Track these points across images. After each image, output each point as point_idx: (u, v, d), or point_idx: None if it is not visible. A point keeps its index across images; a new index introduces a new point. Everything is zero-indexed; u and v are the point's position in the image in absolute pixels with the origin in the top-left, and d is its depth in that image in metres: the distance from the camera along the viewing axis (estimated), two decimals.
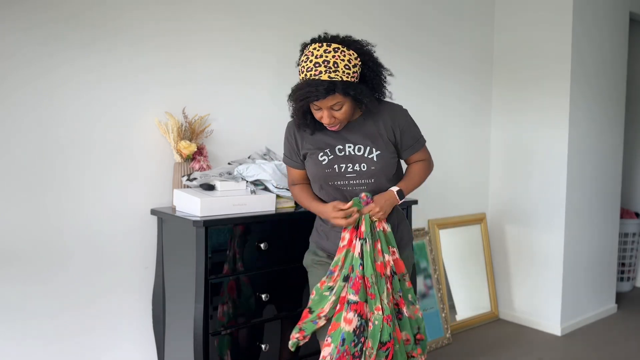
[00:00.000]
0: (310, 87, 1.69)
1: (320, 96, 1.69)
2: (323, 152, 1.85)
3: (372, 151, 1.84)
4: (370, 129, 1.86)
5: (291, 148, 1.96)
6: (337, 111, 1.76)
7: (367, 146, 1.84)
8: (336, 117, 1.77)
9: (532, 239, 3.57)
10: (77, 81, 2.10)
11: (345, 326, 1.78)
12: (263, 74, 2.62)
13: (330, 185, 1.88)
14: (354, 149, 1.84)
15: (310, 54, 1.73)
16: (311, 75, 1.71)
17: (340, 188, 1.88)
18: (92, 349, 2.20)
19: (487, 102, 3.76)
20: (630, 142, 4.61)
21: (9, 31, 1.95)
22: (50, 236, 2.08)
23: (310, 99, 1.71)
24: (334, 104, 1.74)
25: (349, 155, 1.84)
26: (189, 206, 2.08)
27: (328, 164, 1.85)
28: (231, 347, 2.10)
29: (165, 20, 2.30)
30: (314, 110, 1.78)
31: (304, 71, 1.74)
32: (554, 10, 3.39)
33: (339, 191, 1.89)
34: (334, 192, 1.89)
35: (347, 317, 1.79)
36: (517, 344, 3.29)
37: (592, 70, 3.51)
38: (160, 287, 2.27)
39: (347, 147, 1.85)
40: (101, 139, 2.17)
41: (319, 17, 2.81)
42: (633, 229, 4.37)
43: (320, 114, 1.77)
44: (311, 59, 1.72)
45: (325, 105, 1.73)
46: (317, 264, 1.97)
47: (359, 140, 1.85)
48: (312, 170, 1.89)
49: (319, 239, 1.99)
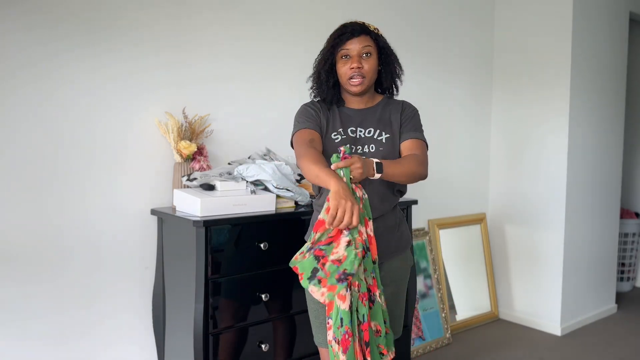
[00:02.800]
0: (346, 27, 1.80)
1: (356, 32, 1.77)
2: (336, 132, 1.85)
3: (382, 134, 1.85)
4: (382, 116, 1.88)
5: (309, 115, 1.84)
6: (366, 60, 1.79)
7: (378, 129, 1.86)
8: (364, 68, 1.79)
9: (532, 239, 3.57)
10: (77, 81, 2.10)
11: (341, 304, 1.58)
12: (263, 73, 2.62)
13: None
14: (365, 131, 1.86)
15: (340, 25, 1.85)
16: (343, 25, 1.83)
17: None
18: (92, 349, 2.20)
19: (487, 102, 3.76)
20: (630, 142, 4.61)
21: (8, 31, 1.95)
22: (51, 236, 2.08)
23: (345, 37, 1.77)
24: (365, 48, 1.78)
25: (360, 137, 1.85)
26: (189, 206, 2.08)
27: (340, 142, 1.84)
28: (231, 347, 2.10)
29: (165, 20, 2.30)
30: (342, 64, 1.81)
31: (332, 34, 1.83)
32: (554, 10, 3.39)
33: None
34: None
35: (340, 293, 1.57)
36: (517, 344, 3.29)
37: (592, 70, 3.51)
38: (160, 287, 2.27)
39: (358, 130, 1.86)
40: (101, 139, 2.17)
41: (319, 17, 2.81)
42: (633, 229, 4.37)
43: (348, 65, 1.79)
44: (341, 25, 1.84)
45: (357, 47, 1.78)
46: None
47: (371, 124, 1.87)
48: (324, 148, 1.84)
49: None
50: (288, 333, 2.26)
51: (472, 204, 3.70)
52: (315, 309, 1.83)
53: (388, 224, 1.86)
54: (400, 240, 1.91)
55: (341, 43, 1.79)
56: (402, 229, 1.94)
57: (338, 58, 1.81)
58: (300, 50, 2.71)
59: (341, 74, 1.82)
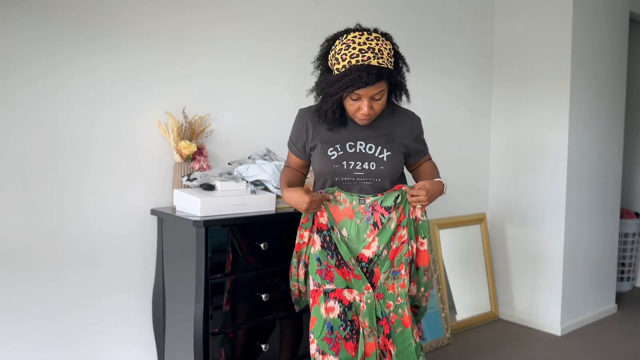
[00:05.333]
0: (361, 72, 1.63)
1: (371, 82, 1.64)
2: (333, 148, 1.82)
3: (383, 151, 1.82)
4: (385, 130, 1.84)
5: (299, 136, 1.92)
6: (377, 101, 1.73)
7: (379, 146, 1.82)
8: (374, 109, 1.73)
9: (532, 239, 3.57)
10: (77, 81, 2.10)
11: (329, 314, 1.82)
12: (264, 73, 2.62)
13: (338, 182, 1.86)
14: (365, 147, 1.81)
15: (352, 42, 1.68)
16: (357, 62, 1.65)
17: (346, 185, 1.85)
18: (92, 349, 2.20)
19: (487, 102, 3.76)
20: (630, 142, 4.61)
21: (8, 31, 1.95)
22: (51, 236, 2.08)
23: (359, 85, 1.64)
24: (377, 93, 1.70)
25: (359, 152, 1.81)
26: (189, 206, 2.08)
27: (337, 159, 1.82)
28: (231, 347, 2.10)
29: (165, 20, 2.30)
30: (350, 102, 1.73)
31: (346, 58, 1.67)
32: (554, 10, 3.39)
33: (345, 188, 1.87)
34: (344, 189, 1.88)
35: (327, 306, 1.83)
36: (517, 344, 3.29)
37: (592, 70, 3.51)
38: (160, 287, 2.27)
39: (358, 144, 1.81)
40: (101, 138, 2.17)
41: (319, 16, 2.81)
42: (633, 229, 4.37)
43: (357, 105, 1.72)
44: (354, 45, 1.66)
45: (369, 94, 1.69)
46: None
47: (372, 139, 1.82)
48: (319, 164, 1.86)
49: None
50: (288, 333, 2.26)
51: (472, 204, 3.70)
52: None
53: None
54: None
55: (354, 89, 1.67)
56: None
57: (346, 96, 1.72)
58: (300, 51, 2.71)
59: (349, 110, 1.77)
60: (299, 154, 1.96)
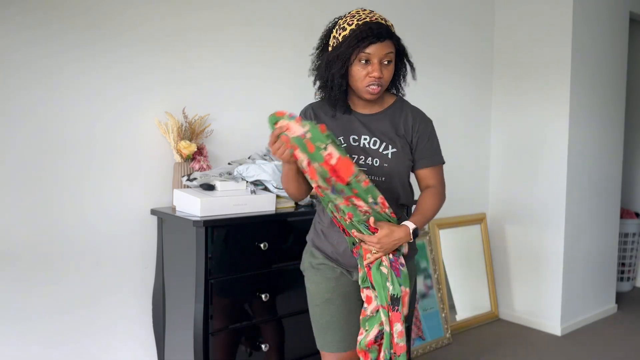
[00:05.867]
0: (372, 26, 1.58)
1: (383, 35, 1.58)
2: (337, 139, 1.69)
3: (388, 148, 1.69)
4: (390, 126, 1.72)
5: None
6: (386, 67, 1.63)
7: (384, 142, 1.69)
8: (383, 75, 1.62)
9: (532, 239, 3.57)
10: (77, 81, 2.10)
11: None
12: (264, 73, 2.62)
13: None
14: (370, 141, 1.69)
15: (358, 13, 1.64)
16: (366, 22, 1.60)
17: None
18: (92, 349, 2.20)
19: (487, 102, 3.76)
20: (630, 142, 4.61)
21: (8, 31, 1.95)
22: (51, 236, 2.08)
23: (371, 40, 1.57)
24: (387, 54, 1.61)
25: (363, 147, 1.69)
26: (189, 206, 2.08)
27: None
28: (231, 347, 2.10)
29: (165, 20, 2.30)
30: (358, 68, 1.61)
31: (353, 22, 1.61)
32: (554, 10, 3.39)
33: None
34: None
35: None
36: (517, 344, 3.28)
37: (592, 70, 3.51)
38: (160, 287, 2.27)
39: (362, 138, 1.69)
40: (101, 139, 2.17)
41: (318, 16, 2.80)
42: (633, 229, 4.37)
43: (367, 70, 1.61)
44: (361, 14, 1.63)
45: (380, 53, 1.60)
46: (314, 267, 1.79)
47: (377, 134, 1.70)
48: None
49: (315, 237, 1.81)
50: (289, 333, 2.26)
51: (472, 204, 3.70)
52: (316, 313, 1.79)
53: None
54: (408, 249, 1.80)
55: (363, 46, 1.59)
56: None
57: (355, 60, 1.62)
58: (300, 51, 2.71)
59: (357, 78, 1.63)
60: None
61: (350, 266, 1.75)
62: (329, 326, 1.76)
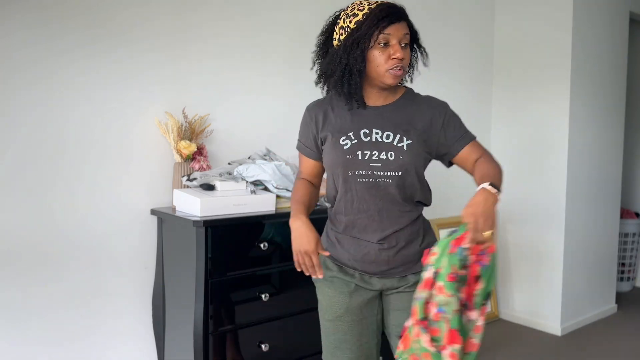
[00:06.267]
0: (390, 8, 1.51)
1: (400, 16, 1.52)
2: (346, 136, 1.57)
3: (403, 140, 1.55)
4: (404, 117, 1.59)
5: (308, 131, 1.66)
6: (405, 49, 1.53)
7: (398, 134, 1.56)
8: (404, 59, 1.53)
9: (532, 238, 3.56)
10: (77, 82, 2.10)
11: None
12: (264, 73, 2.62)
13: (352, 177, 1.56)
14: (382, 135, 1.56)
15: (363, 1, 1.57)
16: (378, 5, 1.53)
17: (363, 181, 1.56)
18: (92, 349, 2.20)
19: (487, 102, 3.75)
20: (630, 142, 4.61)
21: (7, 32, 1.94)
22: (51, 236, 2.08)
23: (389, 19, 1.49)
24: (405, 36, 1.53)
25: (375, 141, 1.56)
26: (189, 206, 2.08)
27: (350, 149, 1.56)
28: (231, 347, 2.10)
29: (165, 20, 2.30)
30: (378, 53, 1.51)
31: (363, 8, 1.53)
32: (554, 10, 3.39)
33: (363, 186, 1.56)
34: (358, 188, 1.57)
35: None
36: (517, 344, 3.28)
37: (592, 70, 3.51)
38: (160, 287, 2.27)
39: (374, 132, 1.57)
40: (101, 139, 2.17)
41: (318, 15, 2.80)
42: (633, 229, 4.37)
43: (387, 53, 1.51)
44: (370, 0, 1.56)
45: (399, 34, 1.51)
46: (327, 280, 1.66)
47: (389, 126, 1.57)
48: (331, 156, 1.59)
49: (328, 247, 1.67)
50: (289, 333, 2.26)
51: None
52: (327, 328, 1.68)
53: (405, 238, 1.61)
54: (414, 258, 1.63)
55: (383, 26, 1.49)
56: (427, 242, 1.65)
57: (374, 44, 1.51)
58: (300, 50, 2.71)
59: (378, 63, 1.51)
60: (310, 152, 1.69)
61: (370, 271, 1.61)
62: (339, 345, 1.65)
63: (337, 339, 1.65)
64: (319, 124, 1.64)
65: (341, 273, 1.64)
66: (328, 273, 1.66)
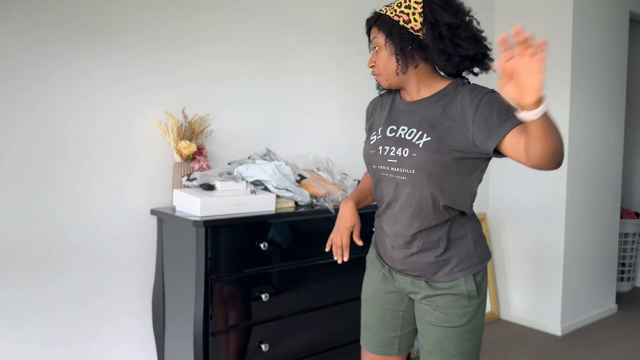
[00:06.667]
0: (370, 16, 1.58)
1: (369, 23, 1.56)
2: (376, 131, 1.60)
3: (422, 137, 1.45)
4: (433, 113, 1.48)
5: (366, 122, 1.74)
6: (376, 55, 1.55)
7: (420, 130, 1.47)
8: (376, 65, 1.55)
9: (532, 239, 3.57)
10: (77, 82, 2.10)
11: None
12: (264, 74, 2.62)
13: (377, 172, 1.57)
14: (407, 132, 1.50)
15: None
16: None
17: (385, 176, 1.54)
18: (92, 349, 2.20)
19: None
20: (630, 142, 4.61)
21: (7, 32, 1.95)
22: (50, 236, 2.08)
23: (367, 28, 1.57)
24: (372, 42, 1.55)
25: (398, 138, 1.51)
26: (189, 206, 2.08)
27: (375, 144, 1.56)
28: (231, 347, 2.10)
29: (165, 20, 2.30)
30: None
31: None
32: (554, 10, 3.39)
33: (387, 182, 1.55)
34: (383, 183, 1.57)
35: None
36: (517, 344, 3.28)
37: (592, 70, 3.51)
38: (160, 287, 2.27)
39: (400, 129, 1.52)
40: (101, 139, 2.17)
41: (317, 15, 2.80)
42: (633, 229, 4.37)
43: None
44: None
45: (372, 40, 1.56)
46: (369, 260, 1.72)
47: (416, 123, 1.50)
48: (363, 150, 1.65)
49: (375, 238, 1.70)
50: (289, 333, 2.26)
51: None
52: (362, 307, 1.75)
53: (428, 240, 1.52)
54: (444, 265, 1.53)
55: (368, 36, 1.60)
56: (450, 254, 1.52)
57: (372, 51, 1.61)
58: (300, 50, 2.71)
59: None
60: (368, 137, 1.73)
61: (392, 266, 1.61)
62: (366, 325, 1.73)
63: (365, 318, 1.74)
64: (368, 116, 1.72)
65: (377, 260, 1.70)
66: (371, 255, 1.73)
